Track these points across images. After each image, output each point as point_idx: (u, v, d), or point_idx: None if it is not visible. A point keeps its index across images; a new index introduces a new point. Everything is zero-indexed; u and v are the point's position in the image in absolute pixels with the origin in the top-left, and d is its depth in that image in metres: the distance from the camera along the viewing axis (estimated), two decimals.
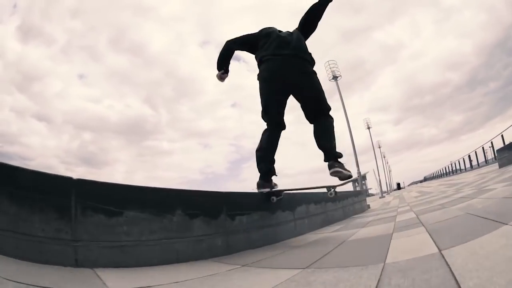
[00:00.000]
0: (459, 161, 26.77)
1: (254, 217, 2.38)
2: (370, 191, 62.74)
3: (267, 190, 2.42)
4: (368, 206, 6.63)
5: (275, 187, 2.52)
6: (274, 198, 2.50)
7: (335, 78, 13.35)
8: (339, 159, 2.31)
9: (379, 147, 35.23)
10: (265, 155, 2.44)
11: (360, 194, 6.35)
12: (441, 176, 35.48)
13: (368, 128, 25.42)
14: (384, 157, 45.60)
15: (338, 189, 2.50)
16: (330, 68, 13.52)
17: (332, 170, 2.25)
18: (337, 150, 2.37)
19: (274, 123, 2.45)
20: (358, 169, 13.01)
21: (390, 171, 54.26)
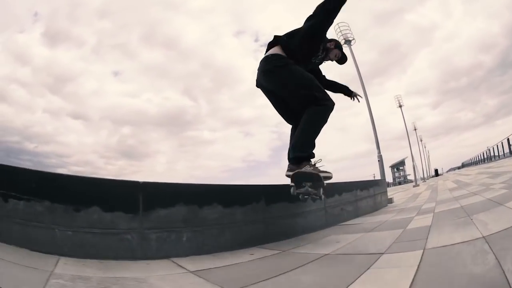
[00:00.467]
0: (497, 146, 24.62)
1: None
2: (409, 177, 59.93)
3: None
4: (391, 201, 5.56)
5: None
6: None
7: (347, 42, 11.72)
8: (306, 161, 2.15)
9: (415, 129, 32.87)
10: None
11: (375, 185, 4.75)
12: (479, 163, 32.47)
13: (400, 106, 22.63)
14: (421, 140, 42.39)
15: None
16: (341, 32, 11.79)
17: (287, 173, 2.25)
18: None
19: (288, 122, 2.53)
20: (379, 152, 10.64)
21: (428, 156, 50.44)
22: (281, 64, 2.23)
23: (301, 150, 2.17)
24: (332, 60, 2.61)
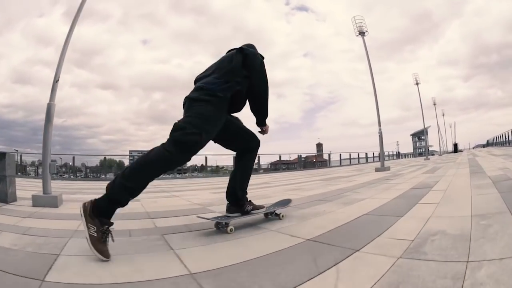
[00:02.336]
0: None
1: None
2: (431, 149, 55.76)
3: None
4: None
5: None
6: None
7: (362, 34, 11.35)
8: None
9: (434, 104, 29.76)
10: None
11: None
12: (505, 144, 28.26)
13: (417, 84, 21.00)
14: (443, 114, 39.60)
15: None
16: (356, 24, 11.50)
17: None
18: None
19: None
20: (380, 128, 9.73)
21: (455, 129, 46.00)
22: (205, 98, 2.02)
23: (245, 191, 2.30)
24: None
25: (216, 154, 17.40)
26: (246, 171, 2.27)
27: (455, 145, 42.77)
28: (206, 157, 17.29)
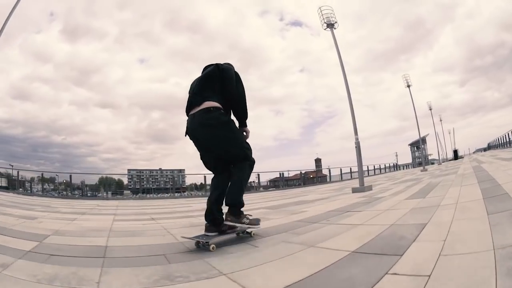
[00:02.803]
0: None
1: None
2: (431, 157, 53.14)
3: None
4: None
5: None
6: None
7: (330, 26, 9.85)
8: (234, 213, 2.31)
9: (430, 109, 27.64)
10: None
11: None
12: (507, 145, 25.90)
13: (408, 86, 20.02)
14: (441, 120, 37.48)
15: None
16: (323, 14, 10.00)
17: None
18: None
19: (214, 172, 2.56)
20: (357, 138, 7.79)
21: (453, 135, 43.82)
22: (225, 120, 2.36)
23: (239, 201, 2.34)
24: None
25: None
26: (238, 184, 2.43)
27: (455, 152, 39.12)
28: (205, 176, 15.55)
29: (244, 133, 2.55)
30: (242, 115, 2.52)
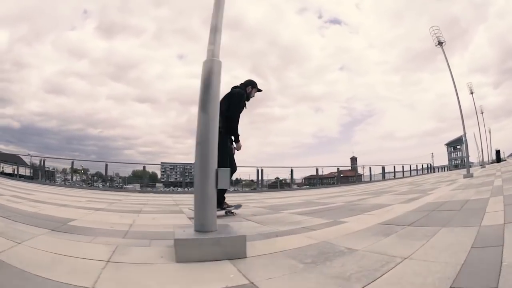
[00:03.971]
0: None
1: None
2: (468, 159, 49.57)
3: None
4: None
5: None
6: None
7: (440, 44, 12.82)
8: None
9: (482, 113, 26.98)
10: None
11: None
12: None
13: (472, 93, 21.73)
14: (482, 120, 33.53)
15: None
16: (435, 34, 13.03)
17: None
18: None
19: None
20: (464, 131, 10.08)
21: (490, 138, 39.60)
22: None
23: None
24: (254, 96, 3.92)
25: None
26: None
27: (498, 152, 32.61)
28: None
29: (234, 146, 3.79)
30: (231, 134, 3.70)
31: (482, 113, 25.88)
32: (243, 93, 3.73)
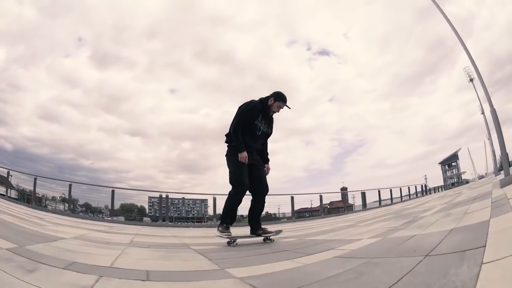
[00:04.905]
0: None
1: None
2: (463, 176, 49.19)
3: (228, 235, 3.15)
4: None
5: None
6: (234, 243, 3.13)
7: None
8: (223, 226, 3.22)
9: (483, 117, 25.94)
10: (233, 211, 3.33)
11: None
12: None
13: (471, 80, 21.34)
14: (489, 138, 32.76)
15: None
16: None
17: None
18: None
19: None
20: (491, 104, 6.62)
21: (493, 151, 38.85)
22: (226, 153, 3.48)
23: (221, 216, 3.39)
24: (278, 111, 3.51)
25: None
26: (253, 210, 3.46)
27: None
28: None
29: (267, 166, 3.63)
30: (237, 146, 3.34)
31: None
32: (254, 104, 3.41)
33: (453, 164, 54.01)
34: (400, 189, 18.87)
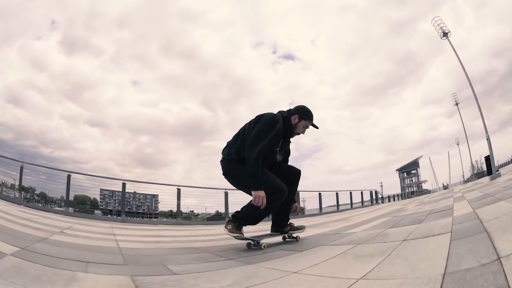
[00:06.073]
0: None
1: None
2: (424, 186, 48.43)
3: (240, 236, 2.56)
4: None
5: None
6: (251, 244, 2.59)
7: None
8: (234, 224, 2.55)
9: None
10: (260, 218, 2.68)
11: None
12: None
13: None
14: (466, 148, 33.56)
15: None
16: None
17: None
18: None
19: None
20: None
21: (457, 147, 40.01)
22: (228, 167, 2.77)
23: (238, 213, 2.65)
24: (303, 133, 2.78)
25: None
26: (287, 202, 2.76)
27: (487, 159, 15.25)
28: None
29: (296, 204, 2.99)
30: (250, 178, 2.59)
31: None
32: (277, 120, 2.62)
33: (412, 171, 52.86)
34: (336, 194, 15.59)
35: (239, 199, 3.83)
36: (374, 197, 20.44)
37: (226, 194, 10.44)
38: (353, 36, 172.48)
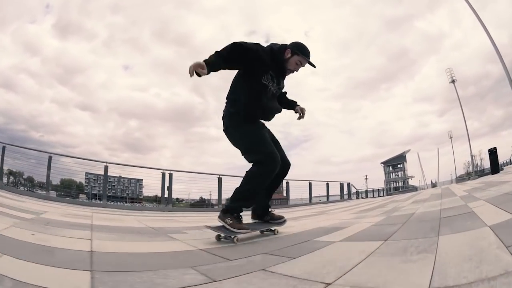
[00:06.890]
0: None
1: None
2: (411, 182, 46.27)
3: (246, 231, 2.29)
4: None
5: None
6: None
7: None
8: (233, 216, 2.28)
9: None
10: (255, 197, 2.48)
11: None
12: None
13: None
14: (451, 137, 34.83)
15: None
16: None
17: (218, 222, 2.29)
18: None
19: None
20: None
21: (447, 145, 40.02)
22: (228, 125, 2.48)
23: (230, 201, 2.39)
24: (297, 70, 2.53)
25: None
26: (269, 190, 2.63)
27: (492, 153, 15.75)
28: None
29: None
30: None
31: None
32: (263, 51, 2.35)
33: (399, 165, 49.57)
34: (310, 183, 14.57)
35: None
36: (346, 191, 17.58)
37: (220, 179, 10.26)
38: (347, 30, 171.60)
